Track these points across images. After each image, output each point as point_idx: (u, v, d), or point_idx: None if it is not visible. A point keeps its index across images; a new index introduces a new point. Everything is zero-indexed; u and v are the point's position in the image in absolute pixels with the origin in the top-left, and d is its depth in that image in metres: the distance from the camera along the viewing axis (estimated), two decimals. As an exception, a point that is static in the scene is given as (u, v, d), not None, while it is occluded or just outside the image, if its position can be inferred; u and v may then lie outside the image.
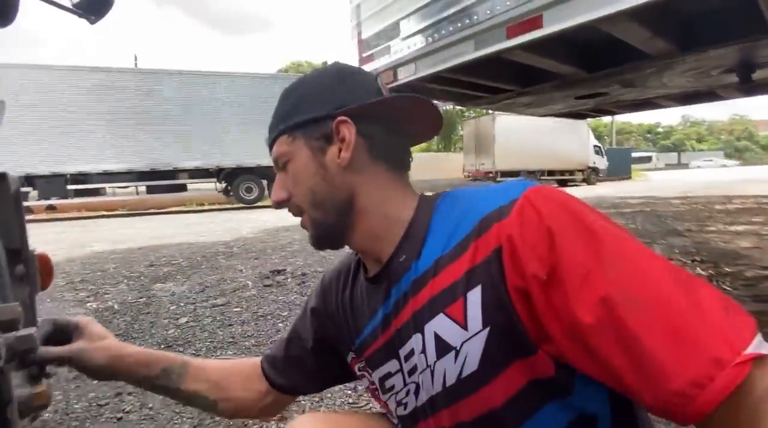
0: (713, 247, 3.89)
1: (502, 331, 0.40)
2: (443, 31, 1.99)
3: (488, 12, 1.75)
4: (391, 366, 0.50)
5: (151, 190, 11.06)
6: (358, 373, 0.58)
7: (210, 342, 2.04)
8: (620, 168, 22.44)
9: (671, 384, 0.31)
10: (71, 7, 1.04)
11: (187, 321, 2.34)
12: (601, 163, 18.99)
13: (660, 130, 77.49)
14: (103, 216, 10.25)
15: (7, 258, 0.81)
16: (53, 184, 9.66)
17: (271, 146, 0.52)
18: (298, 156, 0.49)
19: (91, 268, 3.84)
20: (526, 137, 15.57)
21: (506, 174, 15.69)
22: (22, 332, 0.53)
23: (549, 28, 1.58)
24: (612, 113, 4.02)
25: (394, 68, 2.38)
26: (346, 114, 0.47)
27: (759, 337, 0.32)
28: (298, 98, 0.50)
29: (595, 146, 18.58)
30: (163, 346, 2.00)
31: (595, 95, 2.92)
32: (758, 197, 8.97)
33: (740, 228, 5.01)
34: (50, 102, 9.47)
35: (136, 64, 16.26)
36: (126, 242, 5.49)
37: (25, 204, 9.12)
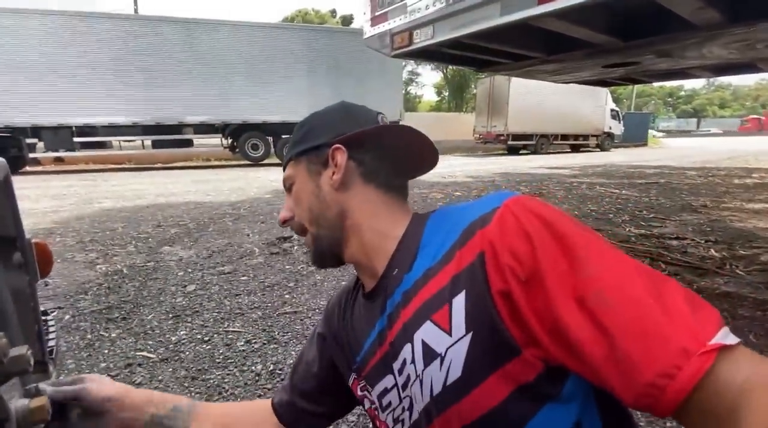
0: (728, 227, 3.79)
1: (486, 335, 0.41)
2: (465, -8, 1.80)
3: (520, -27, 1.56)
4: (387, 381, 0.52)
5: (156, 144, 10.93)
6: (359, 394, 0.58)
7: (217, 312, 2.07)
8: (636, 134, 21.63)
9: (643, 376, 0.33)
10: None
11: (194, 289, 2.36)
12: (617, 128, 18.32)
13: (682, 93, 74.08)
14: (110, 170, 10.27)
15: (2, 247, 0.77)
16: (60, 136, 9.56)
17: (284, 171, 0.58)
18: (299, 179, 0.56)
19: (100, 227, 3.86)
20: (541, 99, 14.94)
21: (518, 136, 15.25)
22: (14, 351, 0.50)
23: (587, -6, 1.40)
24: (644, 82, 3.76)
25: (409, 30, 2.19)
26: (341, 142, 0.53)
27: (725, 329, 0.33)
28: (307, 129, 0.56)
29: (612, 110, 17.83)
30: (171, 315, 2.03)
31: (625, 64, 2.71)
32: (780, 171, 8.65)
33: (758, 205, 4.86)
34: (56, 50, 9.15)
35: (135, 10, 15.45)
36: (133, 199, 5.50)
37: (33, 155, 9.11)
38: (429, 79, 61.18)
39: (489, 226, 0.42)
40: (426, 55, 2.47)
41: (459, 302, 0.42)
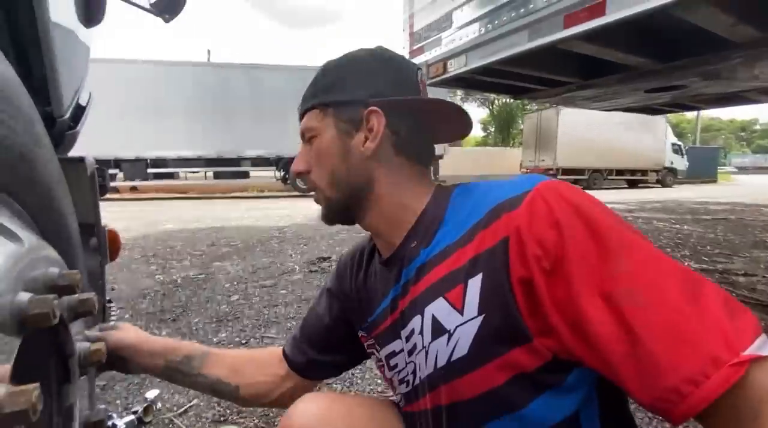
0: (808, 265, 3.38)
1: (497, 320, 0.41)
2: (496, 21, 1.91)
3: (543, 1, 1.65)
4: (396, 345, 0.53)
5: (217, 175, 11.94)
6: (368, 350, 0.61)
7: (256, 319, 2.19)
8: (704, 169, 20.06)
9: (666, 380, 0.32)
10: (149, 7, 1.15)
11: (237, 299, 2.52)
12: (680, 163, 17.13)
13: (757, 127, 68.06)
14: (175, 198, 11.28)
15: (81, 232, 0.93)
16: (136, 167, 10.78)
17: (301, 116, 0.53)
18: (324, 134, 0.51)
19: (162, 245, 4.25)
20: (592, 132, 14.46)
21: (568, 171, 14.71)
22: (84, 295, 0.61)
23: (612, 16, 1.45)
24: (694, 108, 3.61)
25: (444, 60, 2.33)
26: (379, 104, 0.48)
27: (762, 338, 0.32)
28: (338, 76, 0.51)
29: (674, 145, 16.79)
30: (215, 320, 2.18)
31: (670, 88, 2.64)
32: None
33: None
34: (135, 93, 10.52)
35: (209, 58, 17.48)
36: (193, 222, 6.00)
37: (113, 184, 10.19)
38: (475, 115, 61.69)
39: (517, 210, 0.40)
40: (461, 82, 2.59)
41: (475, 284, 0.42)
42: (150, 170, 10.94)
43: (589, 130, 14.34)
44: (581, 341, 0.37)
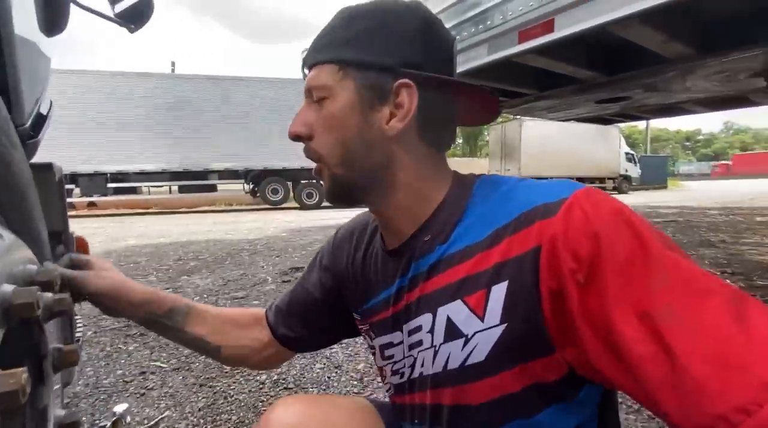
0: (747, 259, 3.70)
1: (521, 330, 0.39)
2: (457, 37, 2.03)
3: (501, 17, 1.79)
4: (394, 337, 0.51)
5: (183, 189, 11.58)
6: (362, 333, 0.59)
7: (228, 331, 2.16)
8: (655, 176, 21.48)
9: (714, 407, 0.29)
10: (113, 17, 1.15)
11: (208, 312, 2.47)
12: (634, 171, 18.30)
13: (700, 137, 73.75)
14: (138, 214, 10.83)
15: (50, 240, 0.92)
16: (95, 182, 10.30)
17: (310, 67, 0.45)
18: (342, 98, 0.43)
19: (125, 261, 4.08)
20: (553, 142, 15.23)
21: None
22: (60, 295, 0.60)
23: (560, 32, 1.59)
24: (640, 118, 3.91)
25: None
26: (413, 78, 0.42)
27: None
28: (367, 30, 0.43)
29: (627, 154, 17.93)
30: (185, 333, 2.13)
31: (617, 99, 2.87)
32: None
33: (780, 240, 4.73)
34: (94, 105, 10.12)
35: (173, 70, 17.08)
36: (157, 237, 5.79)
37: (69, 200, 9.69)
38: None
39: (553, 219, 0.37)
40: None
41: (499, 291, 0.40)
42: (110, 185, 10.47)
43: (550, 141, 15.09)
44: (613, 359, 0.34)
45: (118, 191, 10.76)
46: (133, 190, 11.41)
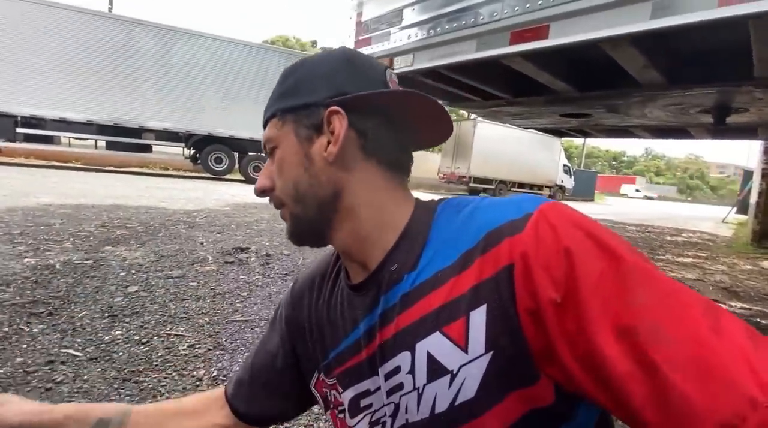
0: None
1: (507, 357, 0.37)
2: (446, 26, 1.94)
3: (493, 14, 1.72)
4: (371, 383, 0.46)
5: (111, 146, 10.34)
6: (322, 392, 0.53)
7: (160, 315, 1.92)
8: (585, 189, 23.44)
9: (701, 423, 0.29)
10: None
11: (137, 291, 2.19)
12: (568, 182, 19.75)
13: (624, 158, 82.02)
14: (53, 167, 9.52)
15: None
16: (1, 125, 8.82)
17: (264, 128, 0.48)
18: (285, 143, 0.46)
19: (34, 221, 3.53)
20: (503, 147, 15.90)
21: (479, 180, 16.00)
22: None
23: (554, 40, 1.56)
24: (589, 135, 4.14)
25: (390, 56, 2.30)
26: (339, 104, 0.43)
27: None
28: (297, 80, 0.46)
29: (564, 166, 19.28)
30: (107, 314, 1.86)
31: (579, 115, 2.98)
32: (704, 233, 9.65)
33: (687, 259, 5.35)
34: (11, 36, 8.62)
35: (110, 9, 15.07)
36: (77, 197, 5.11)
37: (-36, 141, 8.18)
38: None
39: (520, 235, 0.36)
40: (404, 82, 2.59)
41: (479, 317, 0.37)
42: (20, 130, 9.05)
43: (499, 145, 15.74)
44: (593, 379, 0.33)
45: (29, 138, 9.33)
46: (49, 140, 9.99)
